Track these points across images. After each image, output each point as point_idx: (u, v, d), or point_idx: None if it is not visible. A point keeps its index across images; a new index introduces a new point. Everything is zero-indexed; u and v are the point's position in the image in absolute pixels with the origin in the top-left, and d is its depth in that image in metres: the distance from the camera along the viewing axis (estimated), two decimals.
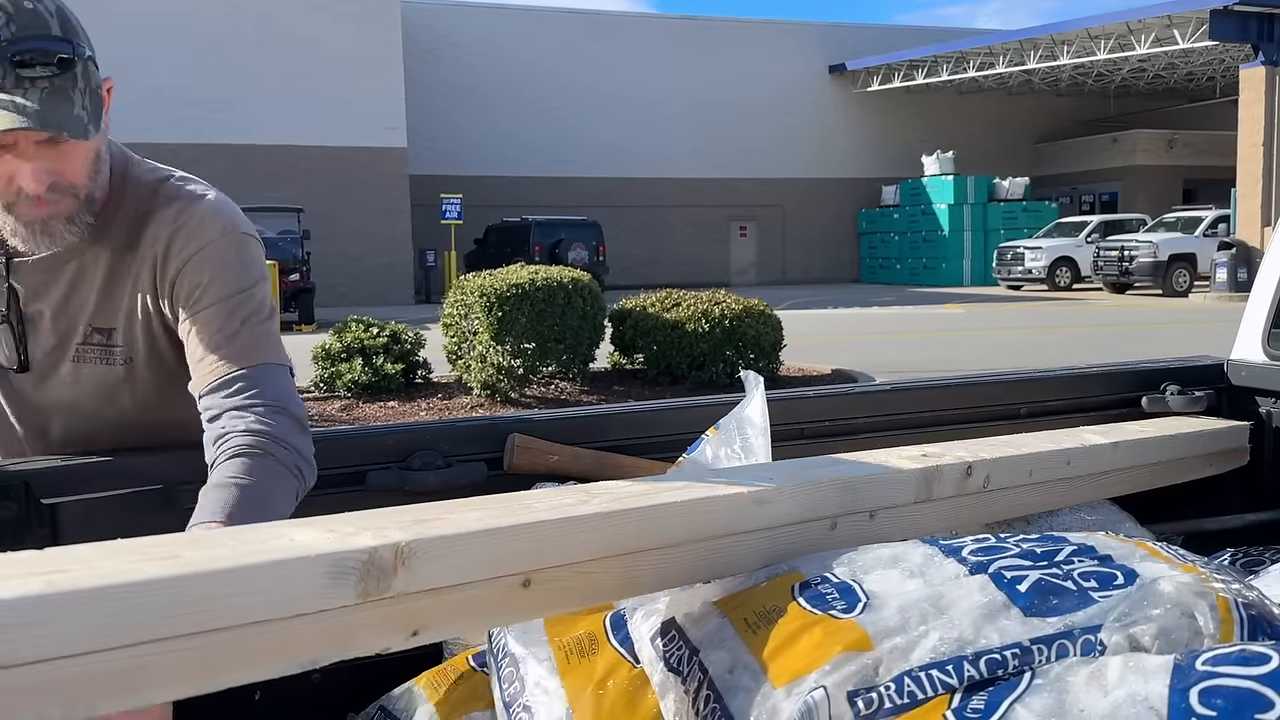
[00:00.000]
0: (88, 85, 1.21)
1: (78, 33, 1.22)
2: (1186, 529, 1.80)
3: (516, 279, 8.24)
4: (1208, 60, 26.50)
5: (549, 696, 1.07)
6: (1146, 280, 21.29)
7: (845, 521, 1.19)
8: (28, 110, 1.14)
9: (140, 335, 1.36)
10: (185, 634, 0.76)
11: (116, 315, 1.35)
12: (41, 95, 1.16)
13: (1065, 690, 0.78)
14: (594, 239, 22.95)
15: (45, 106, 1.16)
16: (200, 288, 1.31)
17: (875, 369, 9.49)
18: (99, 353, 1.36)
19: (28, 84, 1.15)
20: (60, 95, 1.18)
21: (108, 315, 1.35)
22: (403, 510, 1.02)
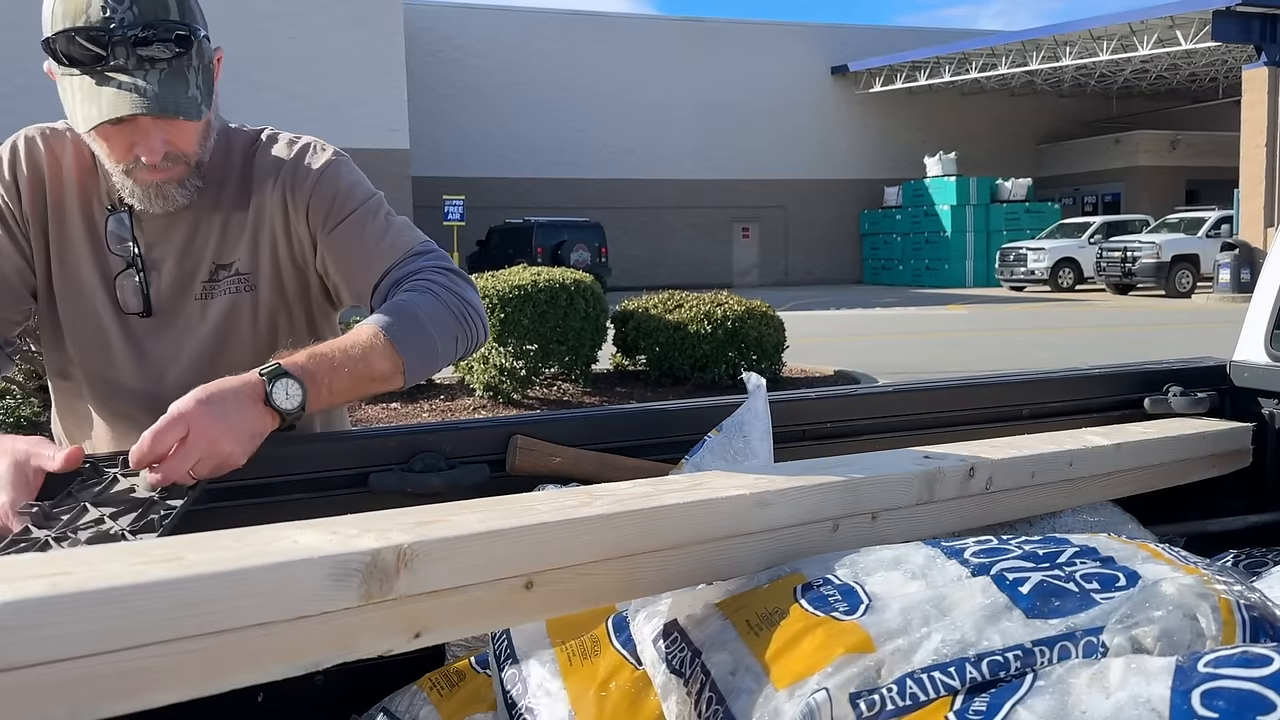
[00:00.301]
0: (201, 63, 1.30)
1: (193, 12, 1.28)
2: (1189, 530, 1.80)
3: (519, 280, 8.25)
4: (1210, 61, 26.48)
5: (551, 698, 1.07)
6: (1149, 281, 21.27)
7: (847, 523, 1.19)
8: (147, 93, 1.23)
9: (265, 261, 1.46)
10: (188, 636, 0.76)
11: (236, 249, 1.45)
12: (160, 76, 1.24)
13: (1067, 692, 0.78)
14: (596, 240, 22.96)
15: (163, 89, 1.24)
16: (337, 199, 1.44)
17: (878, 370, 9.49)
18: (224, 285, 1.45)
19: (148, 65, 1.24)
20: (177, 76, 1.26)
21: (228, 251, 1.45)
22: (405, 512, 1.02)
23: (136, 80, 1.23)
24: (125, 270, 1.42)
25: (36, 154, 1.40)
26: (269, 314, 1.48)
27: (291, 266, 1.48)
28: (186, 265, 1.44)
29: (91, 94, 1.24)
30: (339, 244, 1.45)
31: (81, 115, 1.25)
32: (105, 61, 1.23)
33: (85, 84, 1.24)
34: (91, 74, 1.24)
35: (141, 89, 1.23)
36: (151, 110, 1.24)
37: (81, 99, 1.25)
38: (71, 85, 1.26)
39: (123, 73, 1.23)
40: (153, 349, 1.45)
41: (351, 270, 1.45)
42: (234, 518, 1.14)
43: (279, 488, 1.40)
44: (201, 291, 1.44)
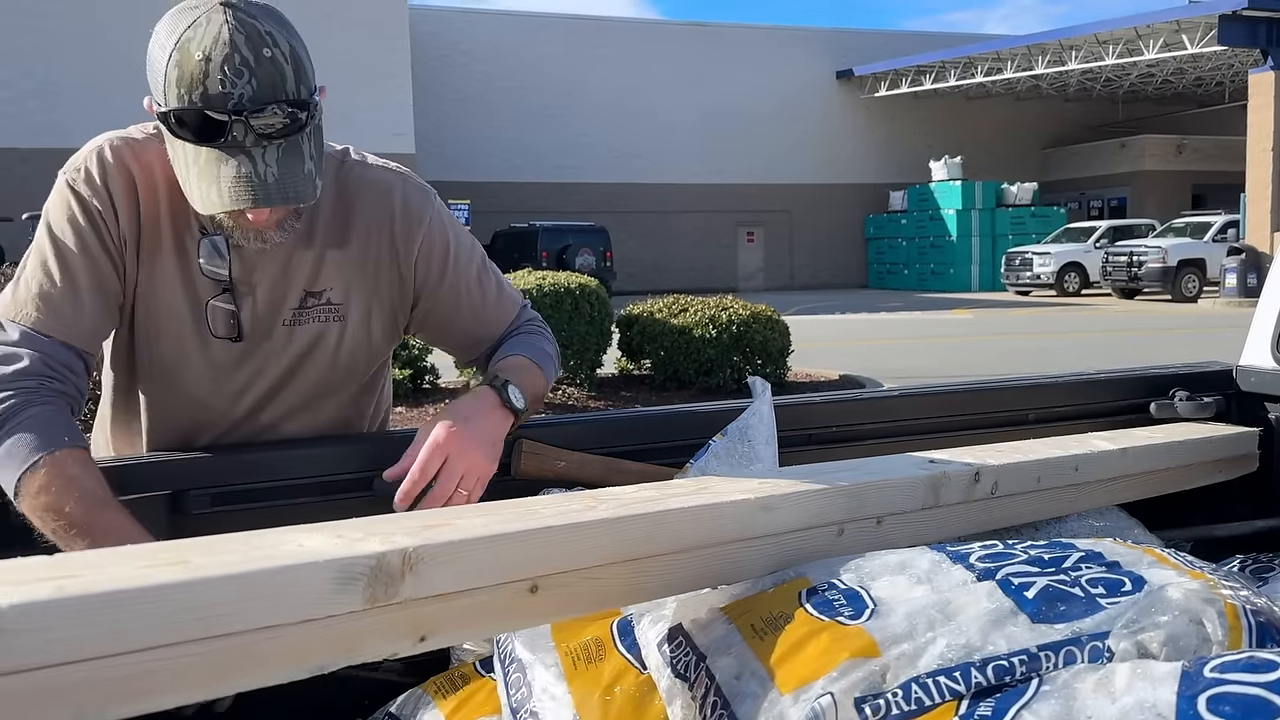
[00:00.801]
0: (314, 126, 1.26)
1: (307, 72, 1.24)
2: (1195, 535, 1.79)
3: (524, 285, 8.25)
4: (1216, 65, 26.43)
5: (556, 702, 1.07)
6: (1155, 286, 21.22)
7: (852, 528, 1.19)
8: (267, 178, 1.19)
9: (361, 295, 1.44)
10: (194, 639, 0.76)
11: (331, 278, 1.42)
12: (278, 154, 1.21)
13: (1073, 697, 0.78)
14: (601, 245, 22.97)
15: (282, 169, 1.20)
16: (450, 252, 1.47)
17: (883, 374, 9.48)
18: (314, 313, 1.43)
19: (265, 142, 1.20)
20: (293, 151, 1.22)
21: (322, 279, 1.42)
22: (410, 516, 1.02)
23: (255, 160, 1.19)
24: (219, 296, 1.38)
25: (127, 169, 1.33)
26: (351, 345, 1.46)
27: (385, 304, 1.46)
28: (278, 292, 1.40)
29: (208, 173, 1.20)
30: (452, 300, 1.48)
31: (198, 195, 1.21)
32: (222, 138, 1.19)
33: (200, 158, 1.20)
34: (208, 148, 1.20)
35: (260, 174, 1.19)
36: (272, 202, 1.21)
37: (197, 176, 1.21)
38: (185, 154, 1.21)
39: (240, 150, 1.19)
40: (232, 371, 1.42)
41: (469, 322, 1.51)
42: (239, 521, 1.14)
43: (284, 491, 1.40)
44: (291, 318, 1.42)
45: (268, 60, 1.18)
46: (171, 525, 1.33)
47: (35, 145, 19.89)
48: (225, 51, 1.16)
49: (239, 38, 1.17)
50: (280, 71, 1.19)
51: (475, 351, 1.54)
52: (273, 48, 1.19)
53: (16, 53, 20.30)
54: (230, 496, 1.37)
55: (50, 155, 1.41)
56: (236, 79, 1.17)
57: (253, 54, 1.17)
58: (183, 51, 1.17)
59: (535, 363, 1.48)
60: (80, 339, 1.32)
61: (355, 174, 1.44)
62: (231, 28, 1.17)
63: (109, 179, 1.32)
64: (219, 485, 1.37)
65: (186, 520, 1.33)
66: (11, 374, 1.25)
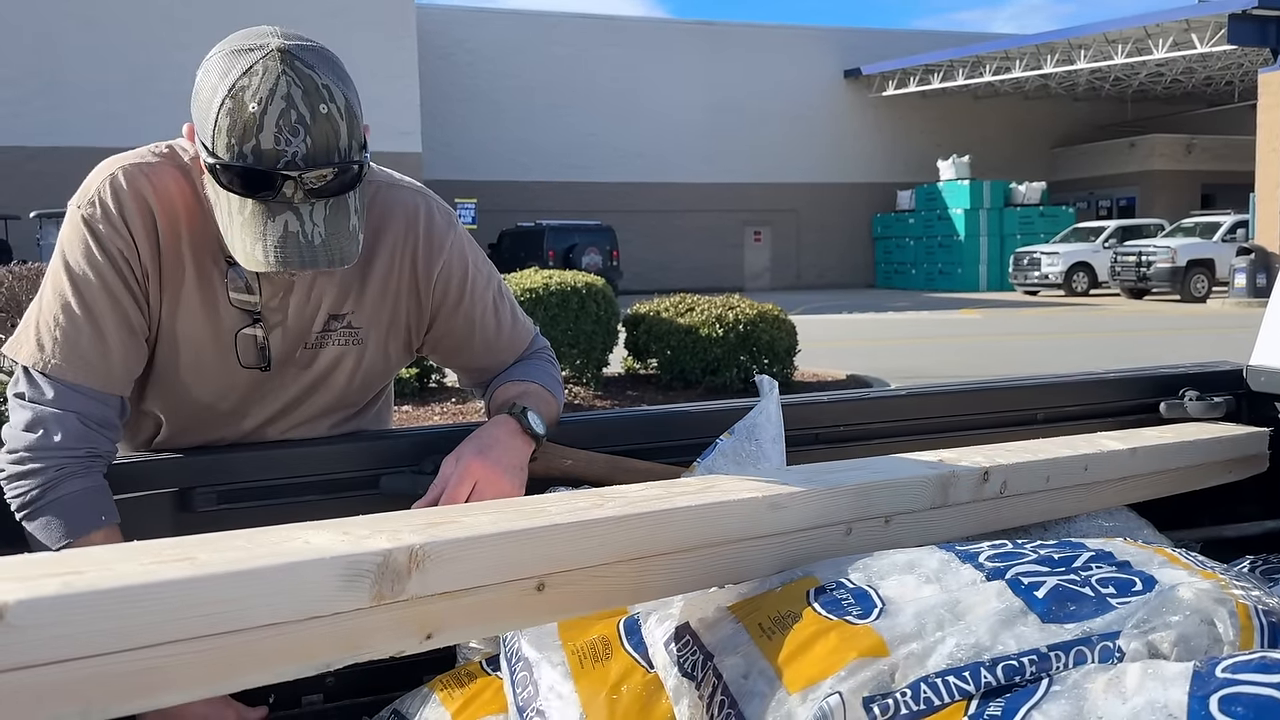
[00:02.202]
0: (361, 178, 1.21)
1: (359, 125, 1.19)
2: (1205, 536, 1.78)
3: (530, 284, 8.25)
4: (1226, 64, 26.35)
5: (562, 701, 1.07)
6: (1164, 286, 21.16)
7: (860, 527, 1.19)
8: (314, 239, 1.15)
9: (382, 320, 1.43)
10: (199, 636, 0.76)
11: (353, 301, 1.40)
12: (325, 212, 1.17)
13: (1083, 697, 0.78)
14: (608, 244, 22.97)
15: (329, 228, 1.17)
16: (467, 277, 1.46)
17: (890, 374, 9.46)
18: (336, 336, 1.41)
19: (314, 200, 1.16)
20: (341, 208, 1.18)
21: (344, 302, 1.40)
22: (417, 513, 1.02)
23: (302, 218, 1.15)
24: (248, 327, 1.34)
25: (143, 198, 1.27)
26: (368, 368, 1.45)
27: (402, 327, 1.45)
28: (304, 317, 1.37)
29: (253, 228, 1.15)
30: (466, 326, 1.47)
31: (242, 251, 1.16)
32: (271, 194, 1.14)
33: (246, 210, 1.16)
34: (256, 201, 1.15)
35: (308, 234, 1.15)
36: (318, 265, 1.16)
37: (240, 229, 1.16)
38: (229, 204, 1.17)
39: (288, 207, 1.15)
40: (249, 392, 1.40)
41: (480, 350, 1.51)
42: (246, 519, 1.14)
43: (291, 489, 1.40)
44: (314, 341, 1.39)
45: (323, 117, 1.13)
46: (178, 523, 1.33)
47: (42, 144, 19.96)
48: (282, 107, 1.11)
49: (296, 92, 1.12)
50: (335, 129, 1.15)
51: (483, 377, 1.54)
52: (329, 103, 1.14)
53: (23, 51, 20.36)
54: (237, 494, 1.38)
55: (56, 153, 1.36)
56: (292, 136, 1.12)
57: (309, 110, 1.12)
58: (236, 100, 1.12)
59: (549, 391, 1.49)
60: (114, 385, 1.28)
61: (382, 196, 1.40)
62: (289, 80, 1.12)
63: (125, 211, 1.26)
64: (225, 483, 1.37)
65: (193, 518, 1.33)
66: (55, 445, 1.23)
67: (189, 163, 1.29)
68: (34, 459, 1.22)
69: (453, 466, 1.33)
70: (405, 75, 22.42)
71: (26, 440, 1.23)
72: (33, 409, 1.24)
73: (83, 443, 1.24)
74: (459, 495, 1.29)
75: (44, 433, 1.23)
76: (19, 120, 20.36)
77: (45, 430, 1.23)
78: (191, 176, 1.29)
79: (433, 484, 1.32)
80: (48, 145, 19.92)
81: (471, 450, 1.33)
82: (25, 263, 7.29)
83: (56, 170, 4.34)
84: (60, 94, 20.53)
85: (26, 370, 1.26)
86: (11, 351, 1.28)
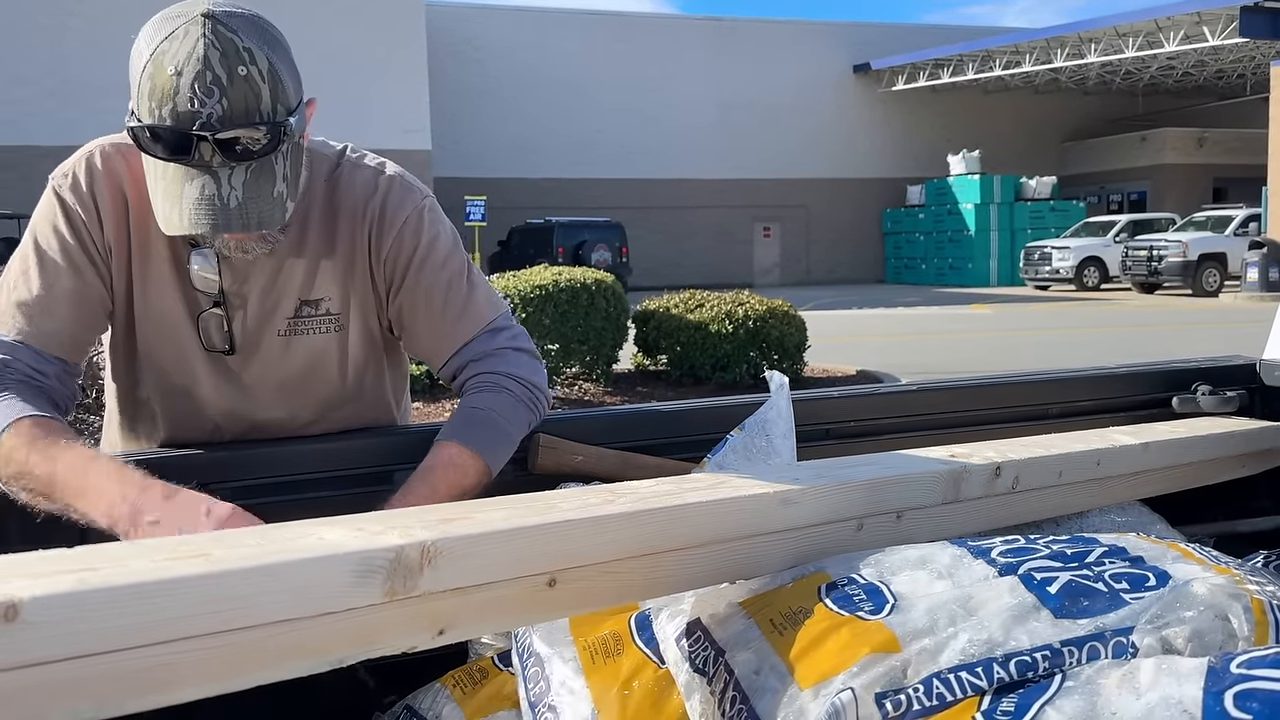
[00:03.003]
0: (289, 144, 1.21)
1: (287, 90, 1.19)
2: (1219, 531, 1.77)
3: (540, 280, 8.26)
4: (1238, 57, 26.19)
5: (574, 696, 1.07)
6: (1176, 280, 21.06)
7: (872, 522, 1.18)
8: (230, 202, 1.15)
9: (355, 302, 1.41)
10: (213, 632, 0.77)
11: (326, 286, 1.39)
12: (246, 175, 1.16)
13: (1097, 693, 0.77)
14: (617, 240, 22.98)
15: (247, 192, 1.16)
16: (419, 252, 1.39)
17: (901, 370, 9.44)
18: (312, 324, 1.40)
19: (233, 163, 1.16)
20: (264, 172, 1.18)
21: (316, 288, 1.39)
22: (429, 509, 1.02)
23: (220, 181, 1.15)
24: (210, 309, 1.36)
25: (115, 175, 1.30)
26: (356, 353, 1.44)
27: (375, 308, 1.44)
28: (269, 302, 1.37)
29: (172, 192, 1.16)
30: (416, 303, 1.41)
31: (161, 214, 1.18)
32: (188, 156, 1.15)
33: (167, 174, 1.17)
34: (175, 165, 1.16)
35: (224, 197, 1.15)
36: (231, 228, 1.17)
37: (162, 194, 1.17)
38: (153, 168, 1.18)
39: (206, 170, 1.15)
40: (238, 377, 1.41)
41: (425, 333, 1.43)
42: (260, 514, 1.15)
43: (304, 485, 1.40)
44: (286, 328, 1.39)
45: (241, 79, 1.14)
46: None
47: (54, 143, 20.01)
48: (197, 68, 1.12)
49: (214, 54, 1.13)
50: (255, 91, 1.15)
51: (436, 363, 1.45)
52: (249, 65, 1.14)
53: (35, 51, 20.45)
54: (251, 490, 1.38)
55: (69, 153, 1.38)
56: (206, 97, 1.12)
57: (226, 72, 1.13)
58: (156, 64, 1.13)
59: (473, 450, 1.32)
60: (58, 347, 1.30)
61: (345, 177, 1.40)
62: (207, 43, 1.13)
63: (95, 185, 1.29)
64: (239, 479, 1.37)
65: None
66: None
67: None
68: None
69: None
70: (414, 73, 22.44)
71: None
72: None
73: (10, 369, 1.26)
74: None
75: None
76: (31, 120, 20.46)
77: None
78: None
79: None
80: (59, 144, 19.93)
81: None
82: None
83: None
84: (72, 93, 20.61)
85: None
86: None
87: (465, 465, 1.31)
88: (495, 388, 1.39)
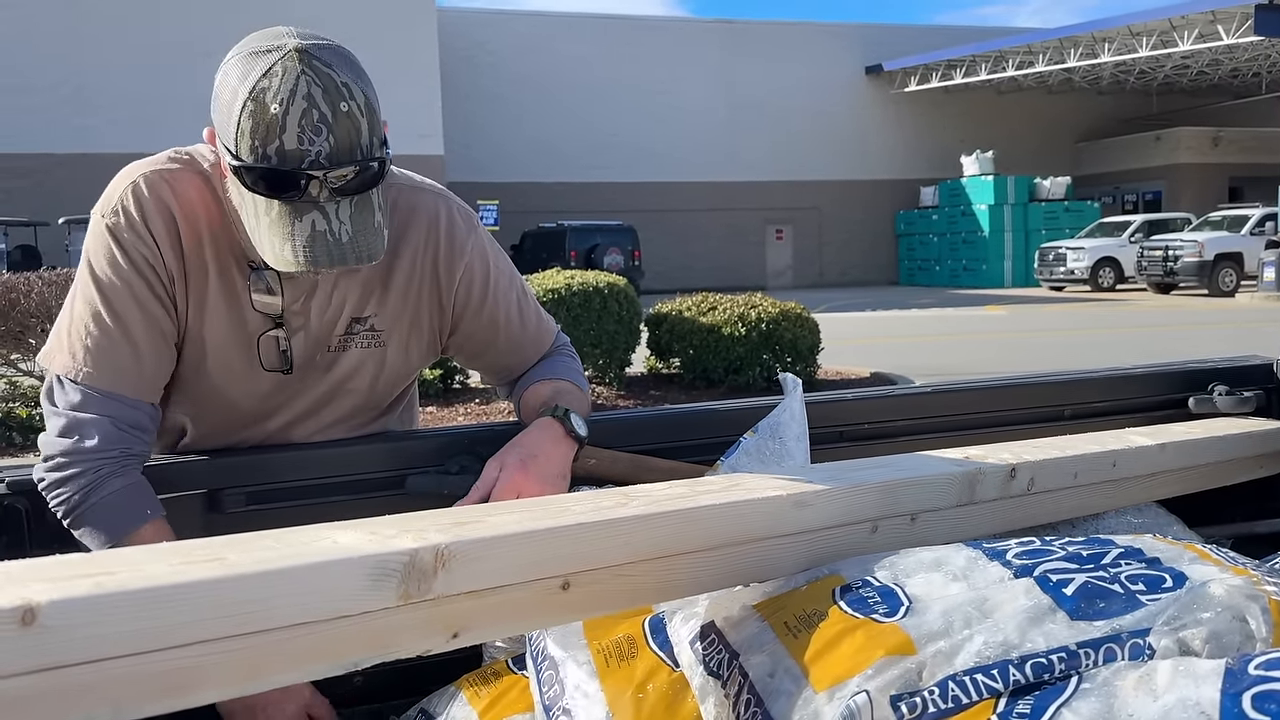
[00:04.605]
0: (384, 174, 1.21)
1: (379, 121, 1.19)
2: (1236, 532, 1.76)
3: (553, 284, 8.27)
4: (1253, 56, 26.03)
5: (589, 700, 1.07)
6: (1192, 280, 20.93)
7: (886, 525, 1.18)
8: (342, 237, 1.16)
9: (403, 322, 1.43)
10: (229, 636, 0.77)
11: (374, 304, 1.40)
12: (351, 209, 1.17)
13: (1113, 695, 0.77)
14: (629, 244, 22.97)
15: (355, 226, 1.17)
16: (490, 278, 1.46)
17: (915, 372, 9.41)
18: (358, 339, 1.41)
19: (339, 198, 1.16)
20: (365, 205, 1.19)
21: (366, 305, 1.40)
22: (443, 513, 1.02)
23: (329, 217, 1.15)
24: (271, 330, 1.35)
25: (164, 203, 1.27)
26: (390, 372, 1.45)
27: (424, 331, 1.45)
28: (326, 321, 1.38)
29: (279, 229, 1.16)
30: (489, 327, 1.47)
31: (271, 252, 1.17)
32: (296, 194, 1.15)
33: (273, 212, 1.16)
34: (282, 202, 1.15)
35: (335, 232, 1.16)
36: (347, 262, 1.16)
37: (268, 230, 1.16)
38: (255, 206, 1.17)
39: (314, 206, 1.15)
40: (273, 394, 1.41)
41: (500, 353, 1.51)
42: (275, 519, 1.15)
43: (318, 489, 1.41)
44: (337, 344, 1.40)
45: (344, 115, 1.14)
46: (207, 523, 1.34)
47: (70, 150, 20.19)
48: (304, 107, 1.12)
49: (317, 91, 1.12)
50: (356, 127, 1.15)
51: (508, 377, 1.55)
52: (349, 101, 1.14)
53: (51, 59, 20.59)
54: (265, 495, 1.39)
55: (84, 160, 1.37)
56: (315, 136, 1.12)
57: (330, 109, 1.13)
58: (257, 102, 1.12)
59: (578, 387, 1.50)
60: (145, 392, 1.29)
61: (404, 199, 1.40)
62: (309, 80, 1.12)
63: (149, 218, 1.26)
64: (254, 484, 1.38)
65: (222, 518, 1.35)
66: (90, 449, 1.24)
67: (209, 168, 1.30)
68: (71, 464, 1.24)
69: (495, 473, 1.33)
70: (426, 78, 22.52)
71: (62, 446, 1.25)
72: (66, 416, 1.26)
73: (117, 444, 1.25)
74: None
75: (78, 438, 1.24)
76: (48, 128, 20.61)
77: (80, 435, 1.24)
78: (212, 182, 1.29)
79: (475, 486, 1.32)
80: (76, 152, 20.13)
81: (515, 460, 1.33)
82: (54, 268, 7.36)
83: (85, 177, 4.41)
84: (87, 101, 20.76)
85: (59, 378, 1.27)
86: (45, 360, 1.29)
87: (579, 398, 1.47)
88: (568, 358, 1.56)
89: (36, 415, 7.23)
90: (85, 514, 1.24)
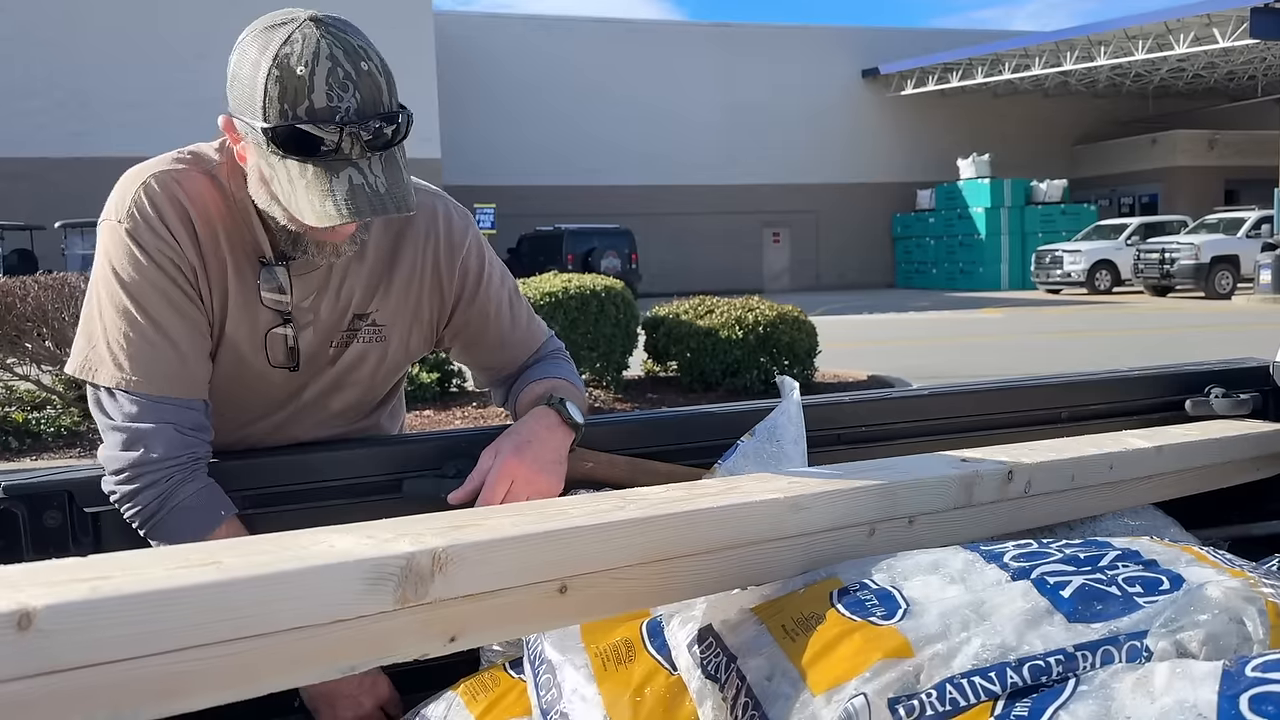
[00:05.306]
0: (408, 129, 1.23)
1: (394, 81, 1.21)
2: (1233, 534, 1.76)
3: (550, 287, 8.27)
4: (1248, 59, 26.09)
5: (586, 703, 1.07)
6: (1188, 283, 20.96)
7: (884, 527, 1.18)
8: (380, 189, 1.18)
9: (404, 317, 1.45)
10: (226, 640, 0.77)
11: (377, 300, 1.42)
12: (383, 165, 1.19)
13: (1111, 697, 0.77)
14: (627, 247, 22.98)
15: (389, 179, 1.19)
16: (483, 273, 1.49)
17: (912, 375, 9.42)
18: (361, 334, 1.43)
19: (370, 154, 1.18)
20: (393, 161, 1.21)
21: (369, 301, 1.42)
22: (440, 516, 1.02)
23: (364, 171, 1.17)
24: (279, 326, 1.36)
25: (177, 201, 1.27)
26: (389, 366, 1.48)
27: (425, 323, 1.48)
28: (332, 317, 1.39)
29: (318, 187, 1.17)
30: (482, 319, 1.50)
31: (311, 210, 1.17)
32: (332, 151, 1.16)
33: (308, 173, 1.17)
34: (315, 163, 1.16)
35: (373, 184, 1.17)
36: (388, 211, 1.18)
37: (305, 190, 1.17)
38: (288, 170, 1.18)
39: (348, 163, 1.17)
40: (275, 390, 1.42)
41: (492, 345, 1.53)
42: (272, 523, 1.15)
43: (315, 493, 1.41)
44: (340, 340, 1.42)
45: (365, 73, 1.16)
46: None
47: (67, 154, 20.18)
48: (329, 66, 1.14)
49: (339, 52, 1.15)
50: (377, 84, 1.17)
51: (499, 374, 1.56)
52: (368, 60, 1.17)
53: (48, 63, 20.58)
54: (262, 499, 1.38)
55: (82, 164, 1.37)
56: (343, 92, 1.14)
57: (353, 67, 1.15)
58: (283, 68, 1.14)
59: (574, 385, 1.52)
60: (196, 390, 1.30)
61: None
62: (330, 43, 1.15)
63: (165, 217, 1.27)
64: (251, 488, 1.38)
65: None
66: (157, 459, 1.25)
67: (215, 167, 1.31)
68: (141, 476, 1.25)
69: (490, 461, 1.34)
70: (423, 81, 22.50)
71: (128, 459, 1.25)
72: (126, 429, 1.26)
73: (183, 450, 1.27)
74: (495, 495, 1.31)
75: (144, 449, 1.25)
76: (44, 131, 20.59)
77: (145, 447, 1.25)
78: (219, 179, 1.31)
79: (471, 474, 1.34)
80: (72, 156, 20.13)
81: (509, 447, 1.35)
82: (51, 272, 7.35)
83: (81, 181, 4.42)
84: (83, 105, 20.75)
85: (109, 390, 1.27)
86: (88, 374, 1.28)
87: (576, 393, 1.48)
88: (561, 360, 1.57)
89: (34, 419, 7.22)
90: (163, 521, 1.26)
